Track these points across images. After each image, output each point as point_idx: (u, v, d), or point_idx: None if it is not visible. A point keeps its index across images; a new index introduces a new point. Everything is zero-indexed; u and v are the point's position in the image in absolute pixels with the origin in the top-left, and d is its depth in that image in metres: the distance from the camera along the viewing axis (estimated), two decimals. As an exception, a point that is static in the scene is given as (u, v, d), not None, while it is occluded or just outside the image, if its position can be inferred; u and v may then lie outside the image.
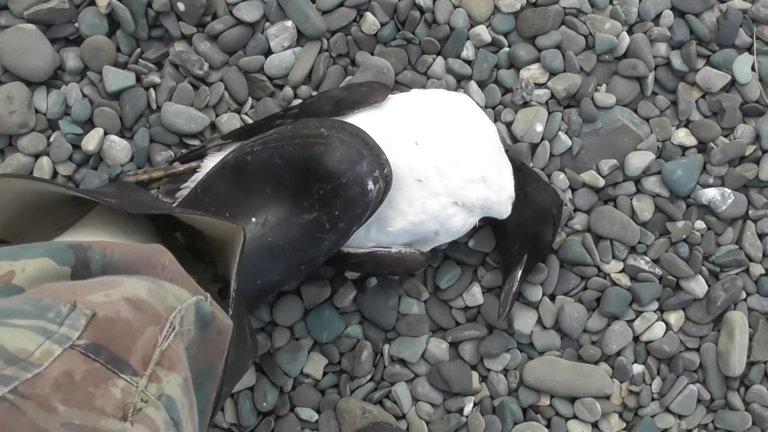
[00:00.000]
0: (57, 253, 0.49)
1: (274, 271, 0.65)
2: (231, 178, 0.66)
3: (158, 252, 0.53)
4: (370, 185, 0.63)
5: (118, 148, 0.78)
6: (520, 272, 0.75)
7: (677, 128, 0.82)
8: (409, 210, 0.68)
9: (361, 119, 0.68)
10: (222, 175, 0.67)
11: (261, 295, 0.68)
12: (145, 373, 0.43)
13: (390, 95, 0.71)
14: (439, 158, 0.67)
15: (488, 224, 0.79)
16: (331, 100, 0.71)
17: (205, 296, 0.53)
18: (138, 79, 0.79)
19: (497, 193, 0.71)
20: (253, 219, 0.64)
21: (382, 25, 0.80)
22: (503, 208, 0.72)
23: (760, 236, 0.82)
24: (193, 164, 0.75)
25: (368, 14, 0.79)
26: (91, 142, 0.77)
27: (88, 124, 0.79)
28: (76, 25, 0.78)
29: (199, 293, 0.53)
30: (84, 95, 0.78)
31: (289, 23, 0.79)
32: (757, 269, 0.82)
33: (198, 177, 0.73)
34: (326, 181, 0.63)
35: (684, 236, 0.81)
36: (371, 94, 0.70)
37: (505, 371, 0.82)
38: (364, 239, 0.71)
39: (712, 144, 0.81)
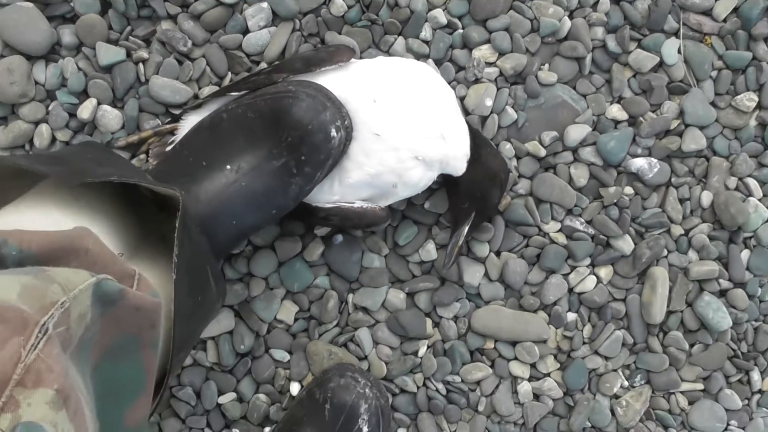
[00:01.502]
0: None
1: (248, 214, 0.67)
2: (207, 132, 0.68)
3: (80, 236, 0.50)
4: (333, 132, 0.65)
5: (110, 116, 0.79)
6: (467, 228, 0.75)
7: (611, 104, 0.82)
8: (366, 161, 0.69)
9: (325, 78, 0.70)
10: (199, 131, 0.69)
11: (237, 238, 0.69)
12: None
13: (354, 59, 0.72)
14: (399, 115, 0.68)
15: (442, 185, 0.79)
16: (300, 59, 0.72)
17: (132, 274, 0.51)
18: (128, 55, 0.79)
19: (454, 150, 0.71)
20: (228, 166, 0.66)
21: (349, 7, 0.80)
22: (459, 164, 0.73)
23: (681, 201, 0.83)
24: (176, 124, 0.76)
25: (336, -2, 0.78)
26: (85, 111, 0.78)
27: (83, 94, 0.79)
28: (72, 4, 0.78)
29: (125, 273, 0.50)
30: (79, 68, 0.79)
31: (265, 5, 0.79)
32: (677, 230, 0.83)
33: (179, 136, 0.74)
34: (294, 129, 0.65)
35: (615, 200, 0.82)
36: (337, 53, 0.71)
37: (455, 318, 0.83)
38: (328, 193, 0.71)
39: (641, 118, 0.81)
